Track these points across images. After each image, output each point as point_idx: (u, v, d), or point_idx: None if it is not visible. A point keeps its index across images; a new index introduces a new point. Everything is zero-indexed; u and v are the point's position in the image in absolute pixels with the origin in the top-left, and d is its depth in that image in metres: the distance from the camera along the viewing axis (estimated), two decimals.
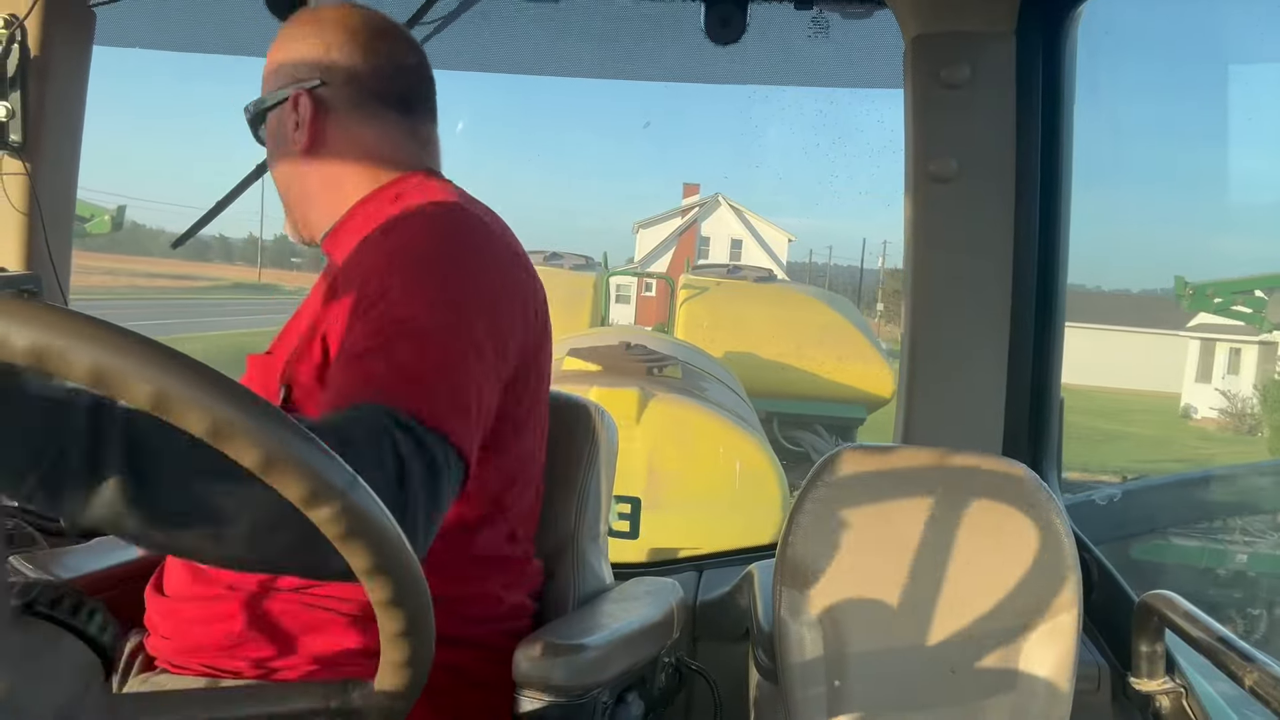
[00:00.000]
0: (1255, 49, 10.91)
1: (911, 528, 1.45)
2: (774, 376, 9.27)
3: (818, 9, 1.94)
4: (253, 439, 0.56)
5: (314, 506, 0.58)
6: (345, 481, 0.59)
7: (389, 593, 0.63)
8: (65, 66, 1.92)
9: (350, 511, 0.59)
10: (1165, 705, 1.44)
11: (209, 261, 51.51)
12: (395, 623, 0.65)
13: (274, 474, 0.57)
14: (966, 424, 1.84)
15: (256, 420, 0.56)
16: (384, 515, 0.62)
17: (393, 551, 0.62)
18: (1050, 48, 1.79)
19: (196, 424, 0.55)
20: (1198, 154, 34.76)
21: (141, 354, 0.54)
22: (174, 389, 0.54)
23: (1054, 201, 1.83)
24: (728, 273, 11.12)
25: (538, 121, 72.37)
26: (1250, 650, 1.19)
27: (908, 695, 1.42)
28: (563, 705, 1.10)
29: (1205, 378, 23.06)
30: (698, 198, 34.91)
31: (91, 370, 0.53)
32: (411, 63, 1.23)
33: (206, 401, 0.55)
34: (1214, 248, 34.84)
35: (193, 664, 1.11)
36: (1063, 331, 1.88)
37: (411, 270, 1.03)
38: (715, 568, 2.15)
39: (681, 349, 6.84)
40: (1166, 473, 12.98)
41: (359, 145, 1.19)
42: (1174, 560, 5.08)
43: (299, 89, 1.17)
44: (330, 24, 1.19)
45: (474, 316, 1.03)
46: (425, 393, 0.94)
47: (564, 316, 8.98)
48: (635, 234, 35.64)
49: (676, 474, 4.10)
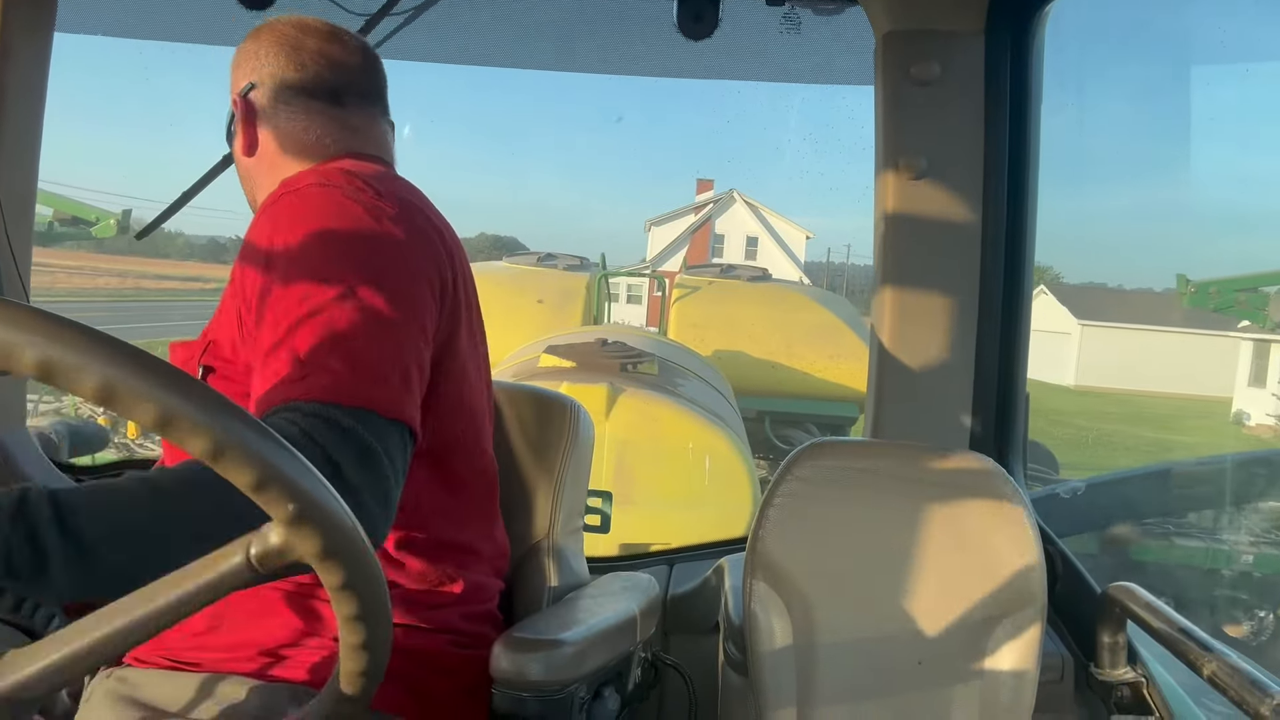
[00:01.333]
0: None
1: (880, 522, 1.47)
2: (765, 375, 9.29)
3: (789, 5, 1.95)
4: (198, 426, 0.56)
5: (262, 492, 0.59)
6: (295, 470, 0.59)
7: (340, 578, 0.63)
8: (25, 54, 1.87)
9: (302, 498, 0.59)
10: (1127, 695, 1.47)
11: (224, 264, 50.56)
12: (349, 606, 0.65)
13: (223, 463, 0.57)
14: (934, 419, 1.86)
15: (202, 408, 0.57)
16: (335, 501, 0.62)
17: (345, 539, 0.62)
18: (1019, 46, 1.81)
19: (143, 415, 0.56)
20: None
21: (87, 345, 0.54)
22: (120, 380, 0.55)
23: (1021, 198, 1.85)
24: (720, 272, 11.03)
25: (546, 124, 71.48)
26: (1209, 640, 1.21)
27: (876, 687, 1.44)
28: (541, 700, 1.10)
29: (1259, 381, 20.75)
30: (712, 194, 33.75)
31: (40, 364, 0.54)
32: (345, 60, 1.30)
33: (153, 393, 0.55)
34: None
35: (154, 657, 1.11)
36: (1029, 327, 1.90)
37: (289, 249, 1.04)
38: (686, 561, 2.16)
39: (664, 347, 6.83)
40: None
41: (289, 138, 1.26)
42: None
43: (235, 96, 1.29)
44: (264, 34, 1.29)
45: (357, 282, 1.02)
46: (335, 375, 0.94)
47: (556, 317, 8.91)
48: (647, 232, 34.51)
49: (645, 469, 4.11)
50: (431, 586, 1.18)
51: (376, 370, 0.97)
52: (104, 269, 33.00)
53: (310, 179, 1.12)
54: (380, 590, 0.66)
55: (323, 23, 1.32)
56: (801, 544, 1.46)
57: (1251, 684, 1.11)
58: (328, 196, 1.09)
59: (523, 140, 77.71)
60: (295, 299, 0.99)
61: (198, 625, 1.09)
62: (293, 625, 1.09)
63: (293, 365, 0.94)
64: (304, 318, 0.97)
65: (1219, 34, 17.10)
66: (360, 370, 0.96)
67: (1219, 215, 36.50)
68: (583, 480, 1.52)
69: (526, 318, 8.74)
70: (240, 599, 1.07)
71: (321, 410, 0.90)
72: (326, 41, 1.29)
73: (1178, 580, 5.46)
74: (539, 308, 9.26)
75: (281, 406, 0.91)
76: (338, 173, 1.13)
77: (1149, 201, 34.54)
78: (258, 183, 1.31)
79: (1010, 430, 1.89)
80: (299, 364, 0.94)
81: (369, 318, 1.00)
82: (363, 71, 1.32)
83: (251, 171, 1.32)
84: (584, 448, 1.50)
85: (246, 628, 1.09)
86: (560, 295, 9.62)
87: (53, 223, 9.77)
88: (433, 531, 1.17)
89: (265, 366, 0.97)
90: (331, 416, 0.90)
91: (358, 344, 0.97)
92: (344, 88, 1.28)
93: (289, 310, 0.98)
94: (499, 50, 2.37)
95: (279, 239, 1.05)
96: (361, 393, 0.94)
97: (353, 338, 0.97)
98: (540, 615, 1.31)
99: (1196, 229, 33.82)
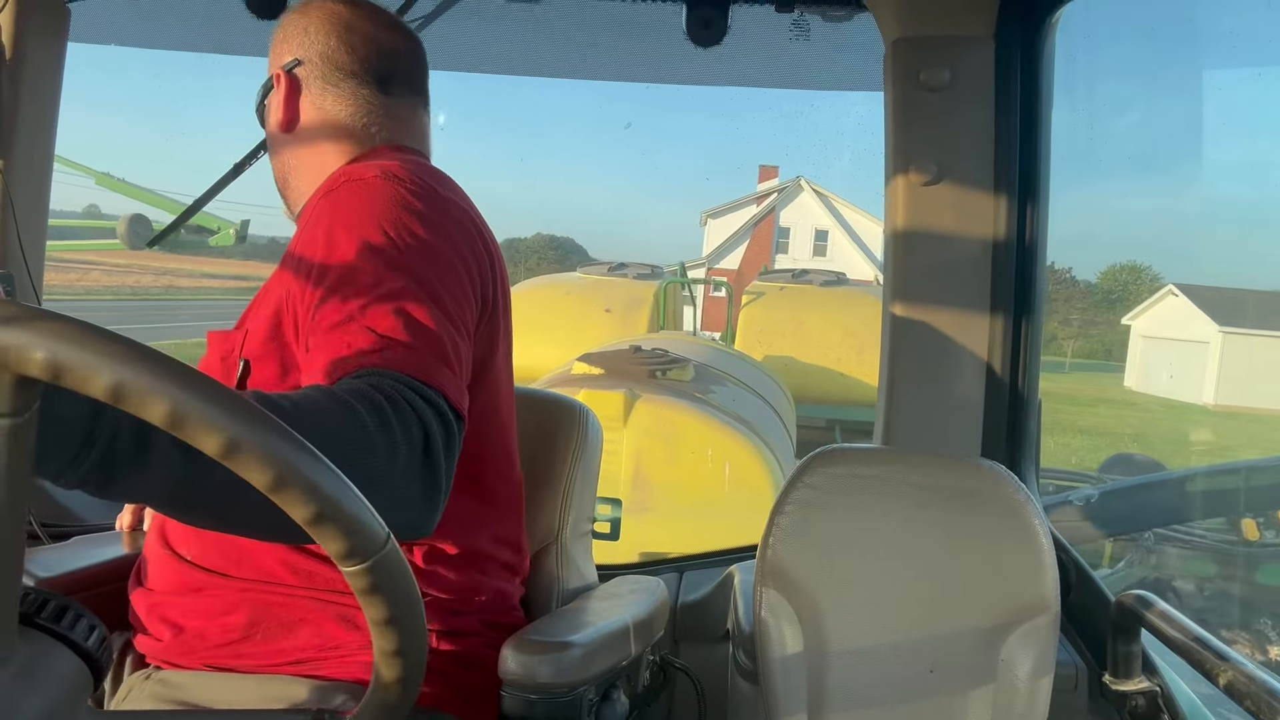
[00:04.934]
0: None
1: (891, 529, 1.46)
2: (833, 383, 9.10)
3: (799, 12, 1.95)
4: (213, 426, 0.54)
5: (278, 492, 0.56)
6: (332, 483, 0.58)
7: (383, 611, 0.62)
8: (38, 63, 1.89)
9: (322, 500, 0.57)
10: (1141, 705, 1.45)
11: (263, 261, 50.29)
12: (378, 611, 0.63)
13: (237, 462, 0.55)
14: (946, 425, 1.85)
15: (218, 407, 0.54)
16: (363, 505, 0.59)
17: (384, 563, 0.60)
18: (1029, 51, 1.80)
19: (156, 414, 0.53)
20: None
21: (101, 348, 0.52)
22: (130, 379, 0.52)
23: (1033, 203, 1.84)
24: (793, 277, 10.79)
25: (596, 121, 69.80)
26: (1225, 650, 1.20)
27: (887, 695, 1.42)
28: (549, 702, 1.10)
29: None
30: (775, 182, 30.53)
31: (48, 364, 0.51)
32: (394, 46, 1.27)
33: (167, 390, 0.53)
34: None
35: (194, 663, 1.11)
36: (1040, 333, 1.89)
37: (355, 235, 1.02)
38: (696, 569, 2.15)
39: (713, 353, 6.65)
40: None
41: (332, 121, 1.24)
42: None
43: (279, 70, 1.24)
44: (315, 10, 1.26)
45: (422, 278, 1.01)
46: (412, 351, 0.93)
47: (623, 324, 8.98)
48: (703, 225, 31.46)
49: (661, 474, 4.08)
50: (459, 595, 1.17)
51: (444, 357, 0.96)
52: (221, 273, 32.91)
53: (374, 171, 1.10)
54: (413, 592, 0.64)
55: (373, 6, 1.29)
56: (812, 551, 1.45)
57: (1269, 693, 1.09)
58: (394, 191, 1.07)
59: (572, 139, 77.30)
60: (365, 283, 0.97)
61: (233, 634, 1.09)
62: (329, 629, 1.09)
63: (370, 337, 0.93)
64: (377, 300, 0.96)
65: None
66: (435, 353, 0.95)
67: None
68: (591, 484, 1.52)
69: (593, 326, 8.75)
70: (275, 607, 1.08)
71: (405, 380, 0.89)
72: (379, 27, 1.27)
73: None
74: (606, 316, 9.27)
75: (365, 371, 0.90)
76: (400, 167, 1.12)
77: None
78: (291, 163, 1.28)
79: (1023, 436, 1.88)
80: (376, 336, 0.93)
81: (438, 312, 0.99)
82: (411, 60, 1.30)
83: (285, 149, 1.28)
84: (593, 452, 1.50)
85: (281, 636, 1.09)
86: (628, 303, 9.60)
87: (180, 230, 10.01)
88: (462, 543, 1.17)
89: (333, 337, 0.94)
90: (416, 387, 0.89)
91: (431, 331, 0.97)
92: (392, 75, 1.26)
93: (360, 291, 0.97)
94: (502, 59, 2.38)
95: (344, 225, 1.03)
96: (436, 376, 0.93)
97: (425, 324, 0.97)
98: (549, 618, 1.31)
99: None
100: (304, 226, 1.10)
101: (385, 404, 0.85)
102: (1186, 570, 5.46)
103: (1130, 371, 29.10)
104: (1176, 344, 24.41)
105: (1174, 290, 25.64)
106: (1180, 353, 23.96)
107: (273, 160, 1.31)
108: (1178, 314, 24.83)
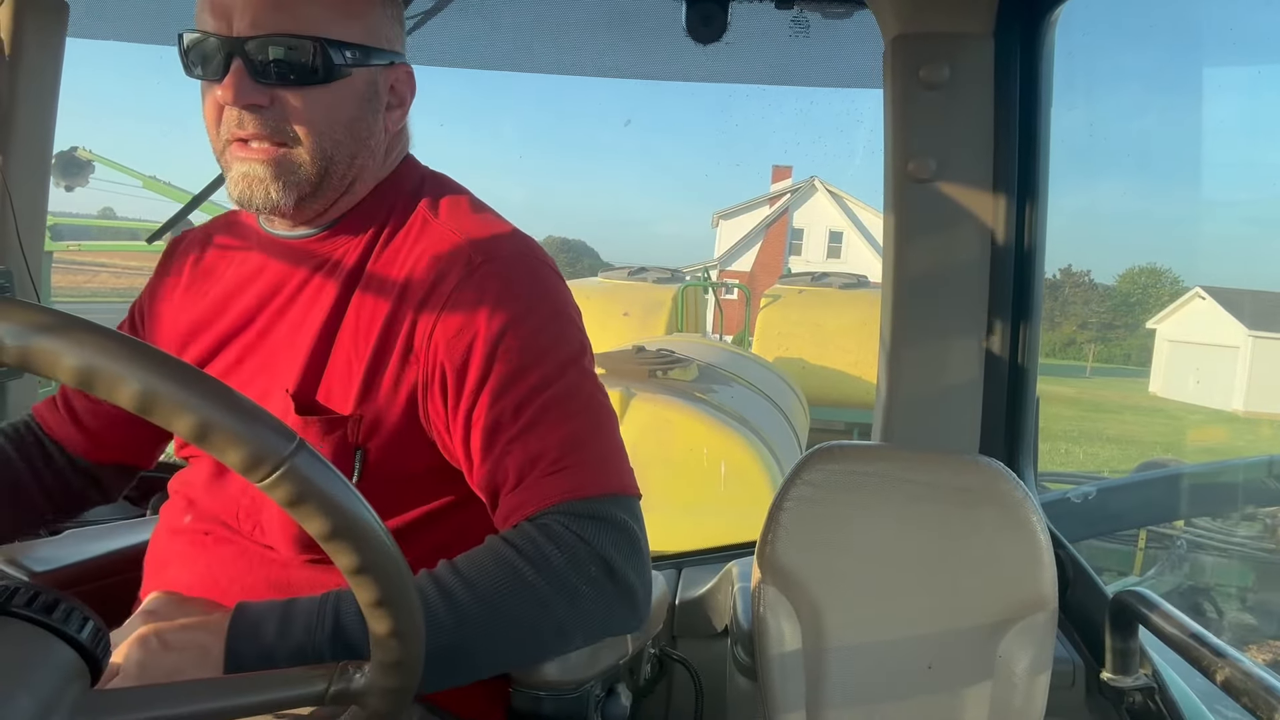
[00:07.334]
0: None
1: (889, 525, 1.46)
2: (850, 386, 9.13)
3: (798, 9, 1.95)
4: (184, 408, 0.56)
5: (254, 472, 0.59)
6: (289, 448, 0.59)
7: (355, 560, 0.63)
8: (37, 59, 1.89)
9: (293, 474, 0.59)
10: (1139, 700, 1.46)
11: None
12: (368, 591, 0.65)
13: (209, 443, 0.57)
14: (944, 422, 1.85)
15: (188, 389, 0.57)
16: (332, 475, 0.61)
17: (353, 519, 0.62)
18: (1029, 48, 1.80)
19: (127, 398, 0.56)
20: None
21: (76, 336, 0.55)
22: (101, 364, 0.55)
23: (1031, 201, 1.84)
24: (813, 280, 10.79)
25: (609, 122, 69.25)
26: (1222, 646, 1.20)
27: (886, 691, 1.43)
28: (557, 699, 1.11)
29: None
30: (789, 183, 30.08)
31: (20, 354, 0.54)
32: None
33: (137, 374, 0.56)
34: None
35: None
36: (1039, 330, 1.89)
37: (507, 329, 1.01)
38: (695, 565, 2.15)
39: (720, 355, 6.65)
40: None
41: (382, 130, 1.11)
42: None
43: (401, 61, 1.10)
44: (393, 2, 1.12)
45: (575, 360, 1.05)
46: (589, 464, 0.99)
47: (641, 328, 9.16)
48: (715, 226, 31.04)
49: (656, 473, 4.07)
50: None
51: (617, 451, 1.04)
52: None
53: (505, 247, 1.07)
54: (401, 575, 0.66)
55: None
56: (811, 548, 1.45)
57: (1266, 689, 1.10)
58: (533, 272, 1.07)
59: (589, 140, 76.90)
60: (528, 385, 1.00)
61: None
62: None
63: (546, 457, 0.98)
64: (544, 406, 1.00)
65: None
66: (609, 457, 1.02)
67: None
68: None
69: (612, 330, 8.88)
70: (307, 578, 1.07)
71: (586, 508, 0.97)
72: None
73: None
74: (624, 320, 9.42)
75: (551, 510, 0.97)
76: (521, 234, 1.11)
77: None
78: (334, 155, 1.05)
79: (1021, 434, 1.88)
80: (552, 457, 0.98)
81: (595, 398, 1.04)
82: None
83: (334, 135, 1.04)
84: None
85: None
86: (647, 307, 9.80)
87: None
88: (467, 543, 1.14)
89: (511, 453, 0.99)
90: (597, 513, 0.97)
91: (600, 429, 1.03)
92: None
93: (521, 394, 1.00)
94: (500, 54, 2.37)
95: (491, 317, 1.01)
96: (614, 480, 1.01)
97: (594, 421, 1.02)
98: None
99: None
100: (438, 309, 1.02)
101: (555, 553, 0.93)
102: (1223, 580, 5.43)
103: (1155, 377, 28.24)
104: (1204, 348, 23.68)
105: (1201, 293, 24.99)
106: (1208, 357, 23.26)
107: (310, 143, 1.03)
108: (1205, 317, 24.22)
